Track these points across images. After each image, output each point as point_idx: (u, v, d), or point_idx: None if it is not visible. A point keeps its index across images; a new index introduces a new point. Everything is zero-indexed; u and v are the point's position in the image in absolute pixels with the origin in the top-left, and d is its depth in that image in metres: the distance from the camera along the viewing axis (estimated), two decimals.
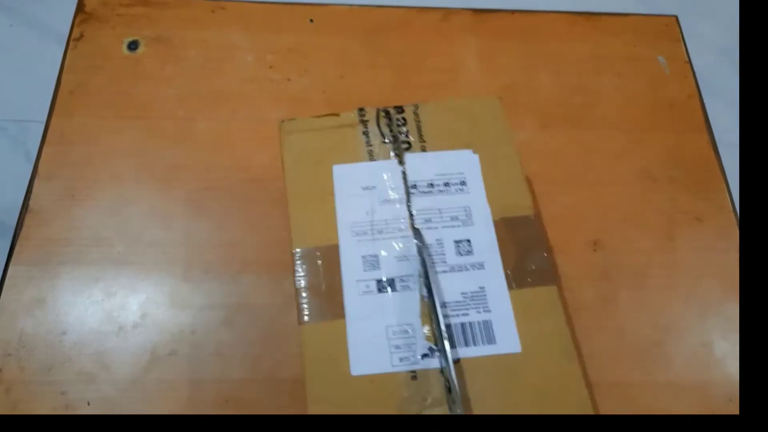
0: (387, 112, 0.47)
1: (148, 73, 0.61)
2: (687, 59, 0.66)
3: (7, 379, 0.46)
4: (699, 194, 0.58)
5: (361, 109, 0.47)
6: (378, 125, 0.47)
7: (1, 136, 1.17)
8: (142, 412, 0.46)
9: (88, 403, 0.46)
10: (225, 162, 0.56)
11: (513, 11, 0.68)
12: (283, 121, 0.47)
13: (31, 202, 0.53)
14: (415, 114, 0.47)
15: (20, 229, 0.52)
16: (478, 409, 0.38)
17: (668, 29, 0.68)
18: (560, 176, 0.58)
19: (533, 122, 0.61)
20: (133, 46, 0.62)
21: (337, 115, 0.47)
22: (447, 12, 0.67)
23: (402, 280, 0.41)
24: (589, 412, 0.37)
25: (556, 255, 0.53)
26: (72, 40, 0.62)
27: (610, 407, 0.47)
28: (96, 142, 0.57)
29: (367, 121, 0.47)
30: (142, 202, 0.54)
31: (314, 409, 0.38)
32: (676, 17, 0.69)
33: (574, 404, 0.35)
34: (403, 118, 0.47)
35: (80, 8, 0.64)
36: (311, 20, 0.65)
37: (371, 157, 0.46)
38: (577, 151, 0.59)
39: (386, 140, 0.46)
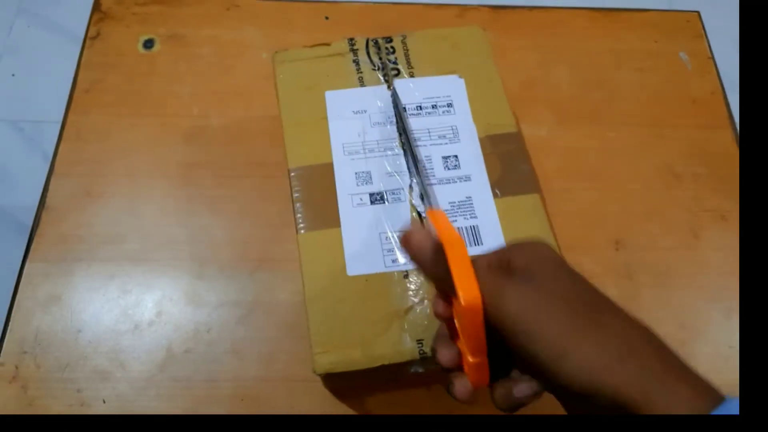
0: (376, 42, 0.50)
1: (163, 71, 0.61)
2: (710, 55, 0.65)
3: (24, 377, 0.46)
4: (724, 191, 0.56)
5: (351, 39, 0.50)
6: (368, 54, 0.50)
7: (19, 137, 1.18)
8: (157, 410, 0.46)
9: (104, 401, 0.46)
10: (239, 159, 0.56)
11: (531, 7, 0.67)
12: (276, 52, 0.50)
13: (48, 199, 0.53)
14: (403, 43, 0.50)
15: (36, 226, 0.52)
16: None
17: (690, 25, 0.67)
18: (580, 173, 0.57)
19: (551, 118, 0.60)
20: (148, 44, 0.62)
21: (327, 44, 0.50)
22: (463, 9, 0.66)
23: (393, 193, 0.44)
24: None
25: (577, 254, 0.52)
26: (88, 39, 0.62)
27: None
28: (111, 140, 0.57)
29: (357, 49, 0.50)
30: (156, 199, 0.54)
31: (312, 307, 0.41)
32: (698, 13, 0.68)
33: None
34: (392, 47, 0.50)
35: (96, 7, 0.64)
36: (327, 17, 0.65)
37: (362, 83, 0.49)
38: (597, 147, 0.58)
39: (376, 67, 0.49)
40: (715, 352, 0.49)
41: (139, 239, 0.52)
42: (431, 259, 0.31)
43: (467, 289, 0.28)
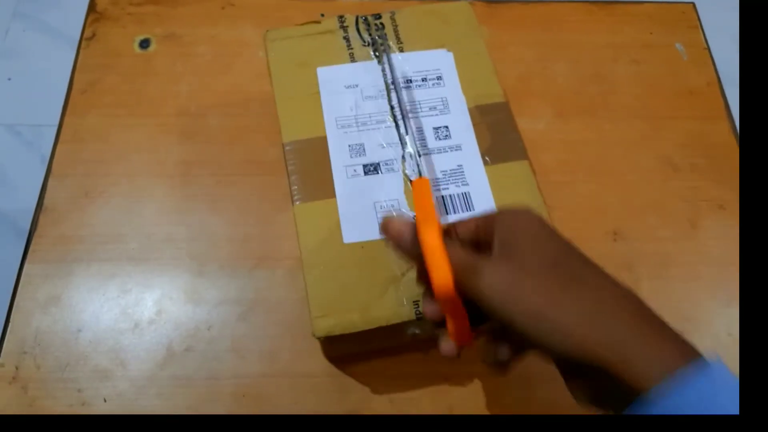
0: (365, 19, 0.51)
1: (160, 71, 0.61)
2: (706, 46, 0.65)
3: (24, 377, 0.46)
4: (721, 182, 0.56)
5: (341, 17, 0.51)
6: (357, 30, 0.51)
7: (17, 140, 1.18)
8: (158, 408, 0.46)
9: (105, 400, 0.46)
10: (237, 157, 0.56)
11: (527, 2, 0.67)
12: (268, 30, 0.51)
13: (46, 201, 0.53)
14: (392, 19, 0.51)
15: (35, 227, 0.52)
16: None
17: (685, 16, 0.67)
18: (578, 166, 0.57)
19: (549, 111, 0.60)
20: (144, 44, 0.62)
21: (318, 22, 0.51)
22: None
23: (386, 164, 0.46)
24: None
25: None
26: (84, 40, 0.62)
27: None
28: (109, 140, 0.57)
29: (347, 26, 0.51)
30: (155, 199, 0.54)
31: (309, 274, 0.42)
32: (693, 4, 0.68)
33: None
34: (381, 24, 0.51)
35: (92, 8, 0.64)
36: (322, 15, 0.65)
37: (352, 59, 0.50)
38: (595, 140, 0.58)
39: (366, 43, 0.50)
40: (715, 342, 0.49)
41: (139, 239, 0.52)
42: (410, 244, 0.33)
43: (440, 278, 0.30)
